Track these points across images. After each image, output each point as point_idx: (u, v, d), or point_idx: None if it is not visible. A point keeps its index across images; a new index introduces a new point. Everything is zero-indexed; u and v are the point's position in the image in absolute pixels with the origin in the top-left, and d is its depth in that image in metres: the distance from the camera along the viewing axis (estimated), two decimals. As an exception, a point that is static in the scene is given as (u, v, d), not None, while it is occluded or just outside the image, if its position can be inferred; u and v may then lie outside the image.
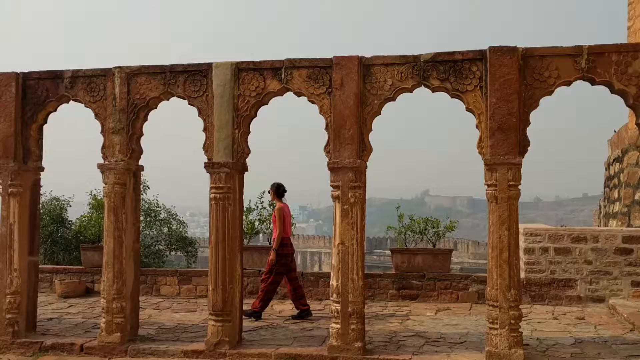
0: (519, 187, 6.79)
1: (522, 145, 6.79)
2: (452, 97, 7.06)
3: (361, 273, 7.10)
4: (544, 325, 8.80)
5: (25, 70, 8.07)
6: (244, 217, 9.57)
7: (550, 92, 6.85)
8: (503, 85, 6.75)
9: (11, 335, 7.81)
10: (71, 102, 8.01)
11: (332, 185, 7.19)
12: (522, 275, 10.25)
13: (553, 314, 9.60)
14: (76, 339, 7.84)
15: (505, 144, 6.73)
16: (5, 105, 7.95)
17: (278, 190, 9.72)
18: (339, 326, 7.02)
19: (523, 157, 6.78)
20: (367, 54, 7.19)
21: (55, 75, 7.96)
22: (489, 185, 6.82)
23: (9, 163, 7.94)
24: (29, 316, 8.10)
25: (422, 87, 7.10)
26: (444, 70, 6.98)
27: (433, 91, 7.13)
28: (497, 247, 6.72)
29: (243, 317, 8.12)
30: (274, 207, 10.86)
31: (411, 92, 7.18)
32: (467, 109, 7.00)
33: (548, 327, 8.63)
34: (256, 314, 9.25)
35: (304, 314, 9.36)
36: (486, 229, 7.04)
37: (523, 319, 6.92)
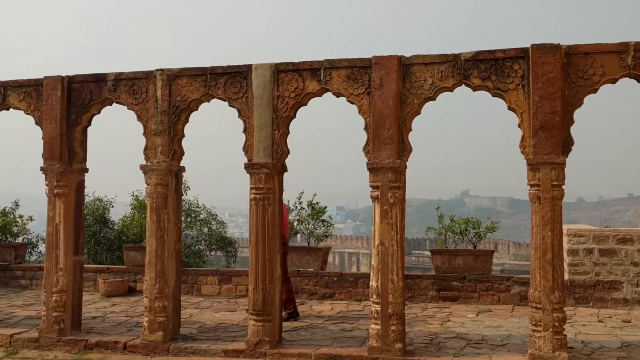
0: (563, 187, 6.66)
1: (566, 145, 6.65)
2: (493, 96, 6.96)
3: (401, 274, 7.05)
4: (588, 328, 8.61)
5: (70, 74, 8.26)
6: (283, 217, 9.61)
7: (595, 90, 6.69)
8: (546, 84, 6.63)
9: (57, 333, 7.99)
10: (114, 104, 8.16)
11: (371, 186, 7.16)
12: (566, 276, 10.06)
13: (598, 317, 9.39)
14: (120, 337, 7.98)
15: (549, 143, 6.61)
16: (51, 108, 8.15)
17: None
18: (379, 327, 6.99)
19: (567, 157, 6.65)
20: (406, 54, 7.15)
21: (98, 78, 8.12)
22: (531, 186, 6.71)
23: (55, 165, 8.13)
24: (74, 314, 8.28)
25: (463, 86, 7.02)
26: (485, 69, 6.88)
27: (474, 90, 7.05)
28: (540, 248, 6.61)
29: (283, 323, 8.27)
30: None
31: (451, 91, 7.11)
32: (509, 108, 6.89)
33: (593, 330, 8.45)
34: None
35: (292, 315, 9.38)
36: (527, 230, 6.93)
37: (567, 321, 6.78)
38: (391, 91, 7.05)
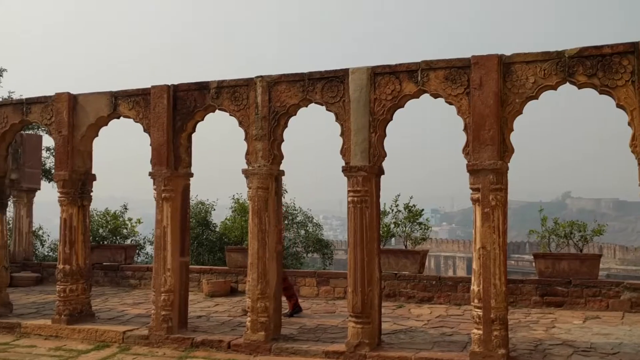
0: (679, 187, 6.29)
1: (682, 143, 6.28)
2: (600, 94, 6.68)
3: (504, 278, 6.88)
4: None
5: (175, 83, 8.62)
6: (380, 220, 9.60)
7: None
8: (659, 79, 6.28)
9: (166, 331, 8.35)
10: (217, 111, 8.44)
11: (471, 188, 7.04)
12: (682, 283, 9.46)
13: None
14: (224, 336, 8.24)
15: (663, 141, 6.26)
16: (158, 116, 8.55)
17: None
18: (481, 332, 6.85)
19: (683, 155, 6.27)
20: (506, 52, 6.98)
21: (202, 86, 8.44)
22: (644, 186, 6.37)
23: (162, 170, 8.52)
24: (180, 313, 8.63)
25: (567, 83, 6.78)
26: (591, 66, 6.61)
27: (579, 88, 6.78)
28: (654, 252, 6.26)
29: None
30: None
31: (555, 90, 6.88)
32: (618, 106, 6.58)
33: None
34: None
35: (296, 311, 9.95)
36: (635, 233, 6.64)
37: (685, 330, 6.39)
38: (491, 91, 6.90)
